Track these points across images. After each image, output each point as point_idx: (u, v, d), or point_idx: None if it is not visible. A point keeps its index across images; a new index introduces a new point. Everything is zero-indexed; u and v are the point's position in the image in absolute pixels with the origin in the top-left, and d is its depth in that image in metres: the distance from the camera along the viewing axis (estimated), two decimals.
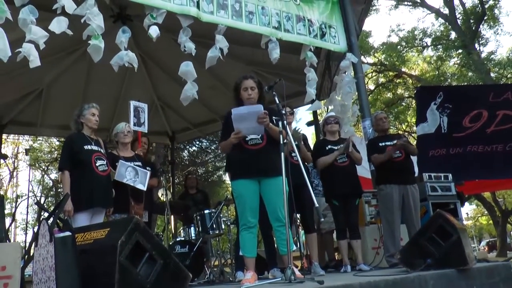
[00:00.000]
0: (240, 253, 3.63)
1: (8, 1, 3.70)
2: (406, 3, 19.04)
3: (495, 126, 6.95)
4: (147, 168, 4.57)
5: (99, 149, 4.00)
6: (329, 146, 4.68)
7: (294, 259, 3.88)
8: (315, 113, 8.20)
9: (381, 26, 38.75)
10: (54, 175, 16.63)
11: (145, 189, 4.33)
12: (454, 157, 6.99)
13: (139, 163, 4.42)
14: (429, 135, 6.88)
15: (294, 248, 4.16)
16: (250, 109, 3.28)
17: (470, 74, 15.76)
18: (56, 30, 3.91)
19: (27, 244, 14.72)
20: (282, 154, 3.03)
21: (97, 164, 3.88)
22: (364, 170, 5.57)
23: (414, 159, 4.99)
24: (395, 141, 4.76)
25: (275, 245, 4.92)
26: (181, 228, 5.67)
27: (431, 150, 6.94)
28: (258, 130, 3.29)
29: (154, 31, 4.39)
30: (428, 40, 18.00)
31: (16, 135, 10.32)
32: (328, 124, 4.82)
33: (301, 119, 18.17)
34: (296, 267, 3.68)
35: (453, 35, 16.98)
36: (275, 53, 5.11)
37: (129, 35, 4.40)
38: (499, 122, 6.93)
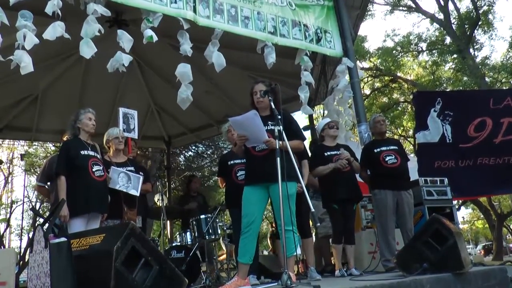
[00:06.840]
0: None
1: (4, 6, 3.70)
2: (401, 8, 19.15)
3: (503, 135, 6.80)
4: (140, 172, 4.54)
5: (95, 155, 3.97)
6: (328, 153, 4.65)
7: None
8: (311, 118, 8.20)
9: (376, 31, 39.09)
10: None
11: (138, 194, 4.26)
12: (465, 170, 6.80)
13: (132, 168, 4.37)
14: (432, 144, 6.71)
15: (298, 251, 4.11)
16: (244, 116, 3.29)
17: (465, 78, 15.82)
18: (50, 37, 3.89)
19: (22, 250, 14.64)
20: (278, 159, 3.03)
21: (93, 170, 3.86)
22: None
23: (414, 166, 4.92)
24: (390, 147, 4.76)
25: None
26: (177, 233, 5.64)
27: (437, 161, 6.75)
28: (260, 136, 3.29)
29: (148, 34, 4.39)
30: (423, 45, 18.09)
31: (12, 140, 10.29)
32: (331, 129, 4.76)
33: None
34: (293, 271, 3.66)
35: (448, 40, 17.06)
36: (271, 58, 5.12)
37: (127, 36, 4.37)
38: (506, 131, 6.79)
